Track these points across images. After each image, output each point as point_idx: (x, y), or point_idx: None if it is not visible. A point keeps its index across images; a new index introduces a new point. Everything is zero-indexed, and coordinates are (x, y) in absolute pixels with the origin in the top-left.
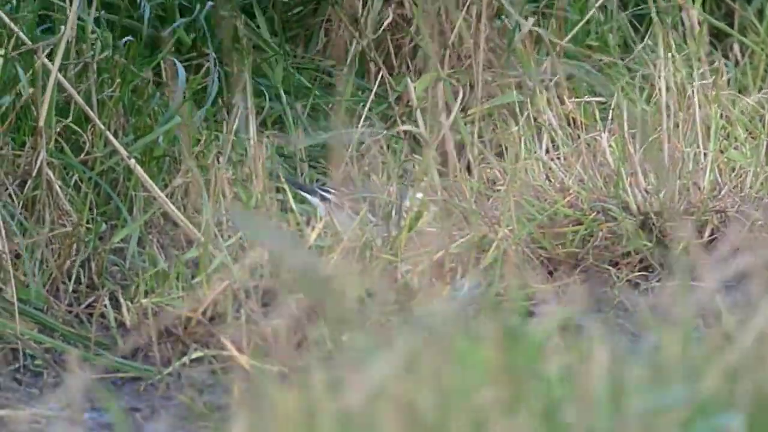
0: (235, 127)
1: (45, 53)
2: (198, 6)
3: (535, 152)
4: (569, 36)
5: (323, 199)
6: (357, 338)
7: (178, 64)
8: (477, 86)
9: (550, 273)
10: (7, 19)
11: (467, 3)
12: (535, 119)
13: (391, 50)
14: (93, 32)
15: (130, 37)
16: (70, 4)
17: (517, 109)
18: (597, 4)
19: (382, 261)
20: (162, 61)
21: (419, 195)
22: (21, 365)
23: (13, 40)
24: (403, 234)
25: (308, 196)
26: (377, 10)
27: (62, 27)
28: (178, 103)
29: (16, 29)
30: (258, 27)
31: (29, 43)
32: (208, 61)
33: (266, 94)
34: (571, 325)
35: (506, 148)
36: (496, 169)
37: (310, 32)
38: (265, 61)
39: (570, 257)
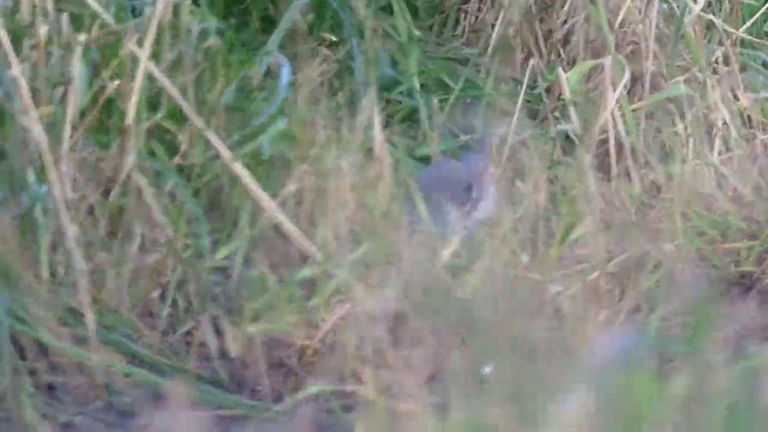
0: (358, 125)
1: (134, 39)
2: None
3: (705, 155)
4: (748, 24)
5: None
6: (501, 372)
7: (283, 58)
8: (646, 75)
9: (722, 295)
10: None
11: None
12: (705, 117)
13: (540, 36)
14: (191, 12)
15: (235, 20)
16: None
17: (685, 105)
18: None
19: (528, 282)
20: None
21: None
22: (106, 403)
23: (96, 24)
24: (553, 250)
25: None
26: None
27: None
28: (281, 101)
29: (99, 10)
30: (387, 10)
31: (114, 25)
32: (328, 48)
33: (391, 87)
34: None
35: (671, 151)
36: (659, 174)
37: (445, 16)
38: (400, 50)
39: (744, 277)
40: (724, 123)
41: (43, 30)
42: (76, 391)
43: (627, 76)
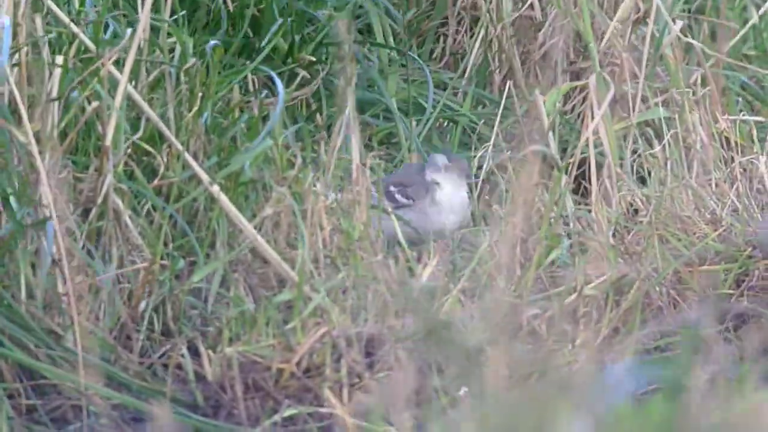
0: (336, 147)
1: (112, 61)
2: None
3: (683, 177)
4: (729, 45)
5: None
6: (477, 393)
7: (276, 78)
8: (627, 96)
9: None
10: (68, 21)
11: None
12: (683, 139)
13: (517, 58)
14: (169, 35)
15: (215, 41)
16: (142, 2)
17: (663, 127)
18: (761, 12)
19: (505, 304)
20: (249, 72)
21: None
22: (84, 425)
23: (75, 46)
24: (530, 273)
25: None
26: (506, 11)
27: (129, 30)
28: (276, 122)
29: (78, 32)
30: (366, 32)
31: (93, 48)
32: (306, 70)
33: (369, 109)
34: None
35: (649, 173)
36: (637, 196)
37: (423, 39)
38: (378, 72)
39: (722, 299)
40: (702, 145)
41: (24, 51)
42: (54, 412)
43: (611, 94)
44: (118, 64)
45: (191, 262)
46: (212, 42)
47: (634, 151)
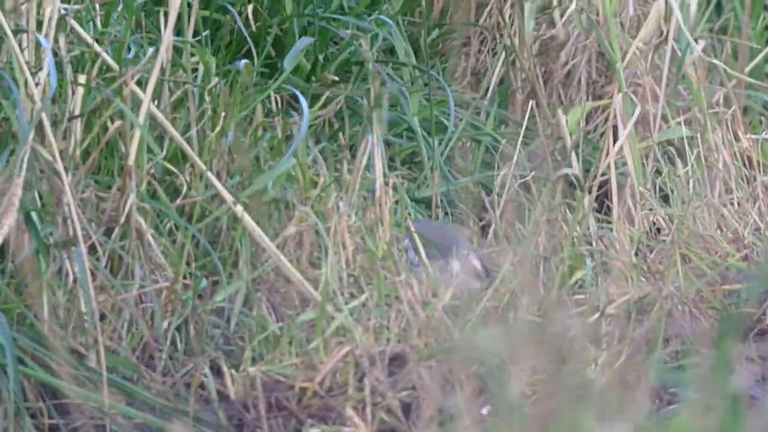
0: (362, 166)
1: (135, 80)
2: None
3: (705, 196)
4: (751, 65)
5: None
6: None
7: (301, 97)
8: (649, 116)
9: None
10: (91, 40)
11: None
12: (705, 158)
13: (539, 77)
14: (192, 55)
15: (245, 60)
16: (165, 22)
17: (686, 146)
18: None
19: (527, 323)
20: (272, 91)
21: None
22: None
23: (97, 65)
24: (553, 293)
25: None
26: (528, 31)
27: (151, 49)
28: (301, 141)
29: (101, 51)
30: (390, 52)
31: (116, 67)
32: (329, 89)
33: (392, 128)
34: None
35: (672, 192)
36: (660, 215)
37: (446, 58)
38: (401, 91)
39: (744, 318)
40: (725, 164)
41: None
42: None
43: (637, 114)
44: (141, 83)
45: (214, 282)
46: (242, 61)
47: (656, 171)
